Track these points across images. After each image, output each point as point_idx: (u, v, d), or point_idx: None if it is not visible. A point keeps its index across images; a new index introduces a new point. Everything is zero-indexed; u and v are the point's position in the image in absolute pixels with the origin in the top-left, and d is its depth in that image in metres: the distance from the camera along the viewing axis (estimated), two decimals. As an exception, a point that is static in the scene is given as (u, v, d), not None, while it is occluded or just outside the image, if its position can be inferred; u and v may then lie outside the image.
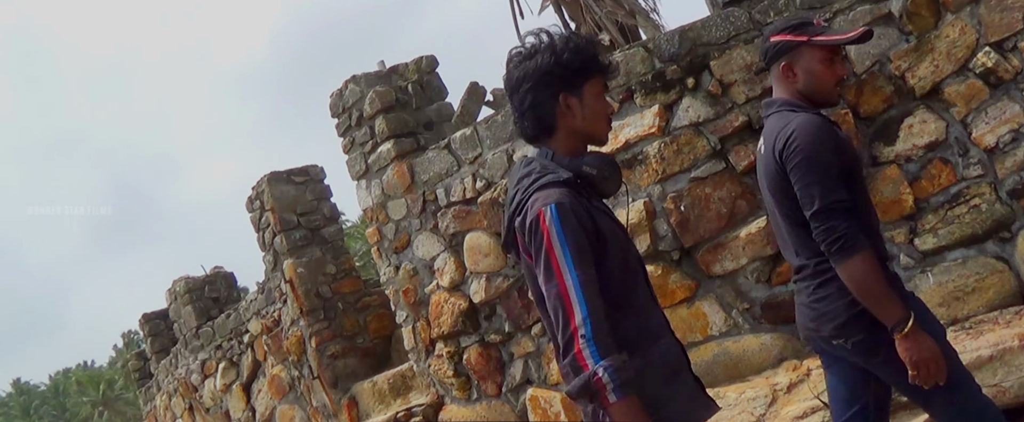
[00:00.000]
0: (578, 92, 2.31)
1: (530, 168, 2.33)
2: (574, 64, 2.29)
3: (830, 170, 2.57)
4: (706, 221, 5.17)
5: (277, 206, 8.71)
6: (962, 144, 5.04)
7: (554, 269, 2.12)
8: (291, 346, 9.04)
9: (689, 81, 5.22)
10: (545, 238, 2.12)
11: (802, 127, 2.61)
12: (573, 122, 2.31)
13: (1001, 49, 5.07)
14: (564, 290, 2.10)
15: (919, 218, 5.03)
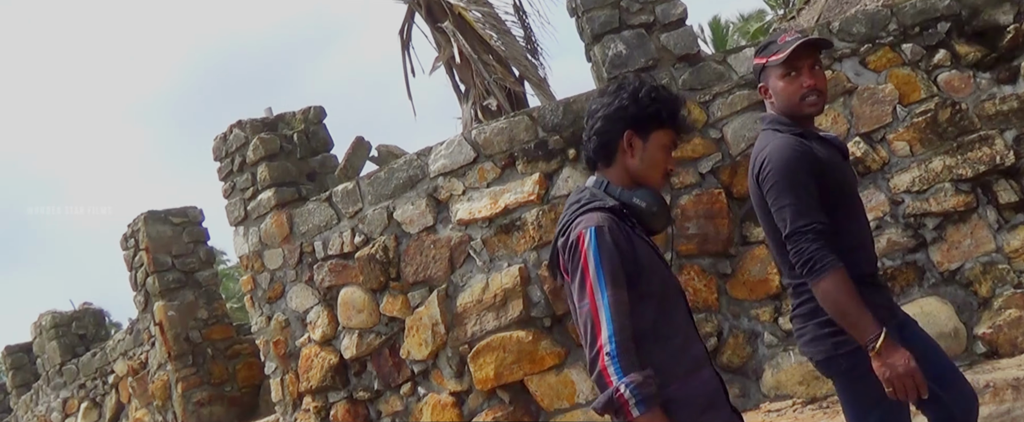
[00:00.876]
0: (644, 136, 2.45)
1: (581, 195, 2.48)
2: (649, 109, 2.44)
3: (801, 193, 2.65)
4: None
5: (152, 246, 8.61)
6: None
7: (587, 288, 2.26)
8: (157, 390, 8.89)
9: (570, 152, 5.43)
10: (582, 258, 2.27)
11: (775, 150, 2.72)
12: (630, 161, 2.45)
13: (870, 140, 5.46)
14: (594, 308, 2.24)
15: (784, 297, 5.28)
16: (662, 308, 2.37)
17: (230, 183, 6.80)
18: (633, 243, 2.33)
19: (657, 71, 5.53)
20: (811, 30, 5.84)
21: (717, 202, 5.37)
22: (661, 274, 2.41)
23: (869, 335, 2.54)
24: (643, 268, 2.32)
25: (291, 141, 6.64)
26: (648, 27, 5.62)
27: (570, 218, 2.40)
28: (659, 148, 2.47)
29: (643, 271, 2.32)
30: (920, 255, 5.32)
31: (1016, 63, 5.61)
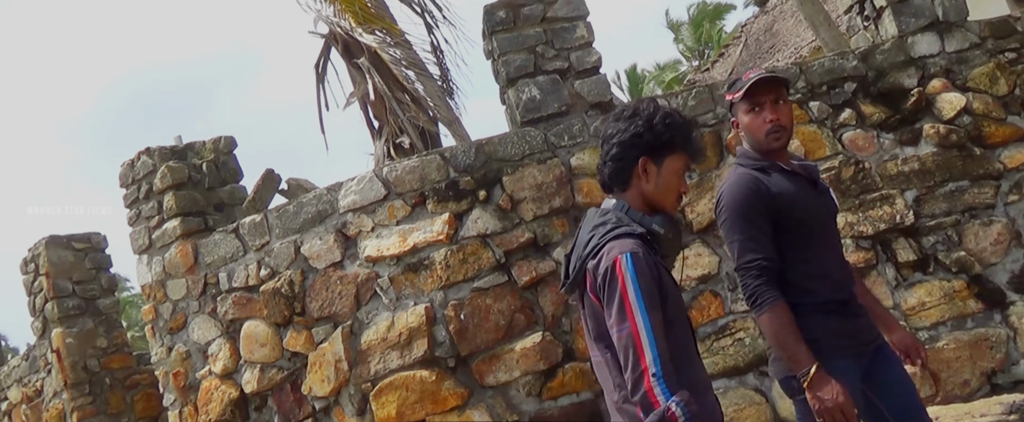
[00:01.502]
0: (659, 161, 2.58)
1: (606, 218, 2.57)
2: (663, 135, 2.57)
3: (747, 228, 2.84)
4: (484, 331, 5.45)
5: (53, 271, 8.45)
6: (732, 280, 5.54)
7: (627, 312, 2.35)
8: (51, 419, 8.70)
9: (481, 193, 5.55)
10: (620, 283, 2.36)
11: (729, 187, 2.93)
12: (645, 186, 2.58)
13: None
14: (636, 331, 2.34)
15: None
16: (680, 333, 2.50)
17: (136, 210, 6.77)
18: (659, 269, 2.46)
19: (569, 117, 5.73)
20: (722, 84, 6.12)
21: None
22: (678, 301, 2.55)
23: (801, 368, 2.72)
24: (666, 294, 2.44)
25: (200, 170, 6.65)
26: (563, 73, 5.81)
27: (600, 242, 2.49)
28: (672, 173, 2.60)
29: (667, 297, 2.44)
30: None
31: (919, 125, 5.93)
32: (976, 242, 5.75)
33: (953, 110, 5.95)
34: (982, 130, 5.96)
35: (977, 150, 5.92)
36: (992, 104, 6.04)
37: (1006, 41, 6.24)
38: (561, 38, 5.86)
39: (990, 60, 6.15)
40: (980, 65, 6.13)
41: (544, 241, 5.58)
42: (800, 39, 17.64)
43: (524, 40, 5.84)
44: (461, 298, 5.51)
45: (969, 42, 6.17)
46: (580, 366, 5.47)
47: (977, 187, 5.85)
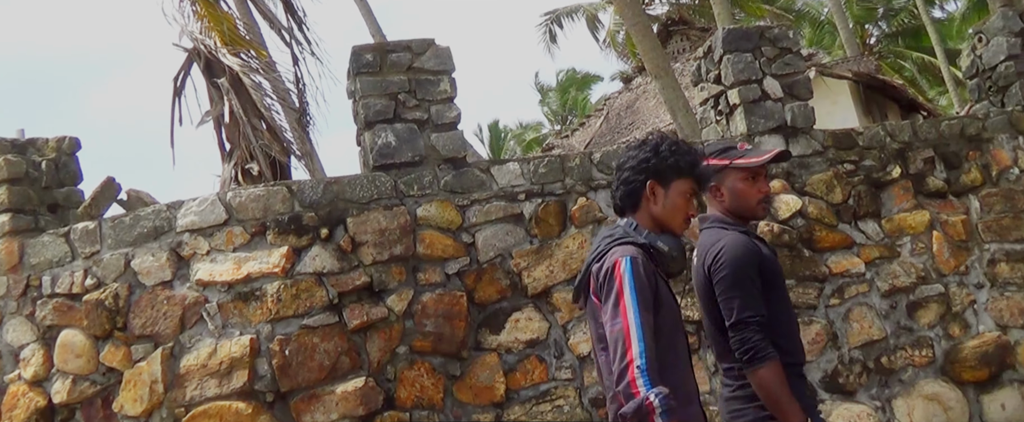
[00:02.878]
0: (666, 185, 3.03)
1: (614, 230, 3.02)
2: (668, 160, 3.02)
3: (749, 287, 3.13)
4: (307, 370, 5.64)
5: None
6: (559, 347, 5.97)
7: (621, 309, 2.73)
8: None
9: (323, 231, 5.81)
10: (617, 283, 2.76)
11: (729, 246, 3.21)
12: (654, 207, 3.02)
13: None
14: (627, 327, 2.70)
15: (507, 407, 5.81)
16: (670, 341, 2.88)
17: (-36, 201, 6.85)
18: (656, 279, 2.85)
19: (421, 168, 6.11)
20: (578, 156, 6.66)
21: (458, 304, 5.86)
22: (673, 311, 2.94)
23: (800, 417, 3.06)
24: (661, 303, 2.84)
25: (39, 168, 6.73)
26: (421, 124, 6.13)
27: (605, 248, 2.92)
28: (679, 195, 3.05)
29: (660, 305, 2.83)
30: None
31: (755, 222, 6.60)
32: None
33: (789, 211, 6.62)
34: (813, 234, 6.63)
35: (806, 252, 6.58)
36: (826, 210, 6.74)
37: (847, 153, 6.98)
38: (424, 89, 6.19)
39: (829, 168, 6.86)
40: (819, 172, 6.83)
41: (380, 287, 5.84)
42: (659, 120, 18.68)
43: (387, 86, 6.15)
44: (288, 333, 5.70)
45: (812, 149, 6.88)
46: (399, 416, 5.69)
47: (802, 287, 6.49)
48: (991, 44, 8.03)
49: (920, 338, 6.66)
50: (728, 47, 6.90)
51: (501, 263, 6.12)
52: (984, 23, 8.29)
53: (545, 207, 6.25)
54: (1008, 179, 7.41)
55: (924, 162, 7.14)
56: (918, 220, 6.97)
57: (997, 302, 6.96)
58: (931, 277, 6.84)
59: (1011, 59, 7.84)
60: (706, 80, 7.28)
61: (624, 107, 22.72)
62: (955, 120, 7.64)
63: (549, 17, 31.74)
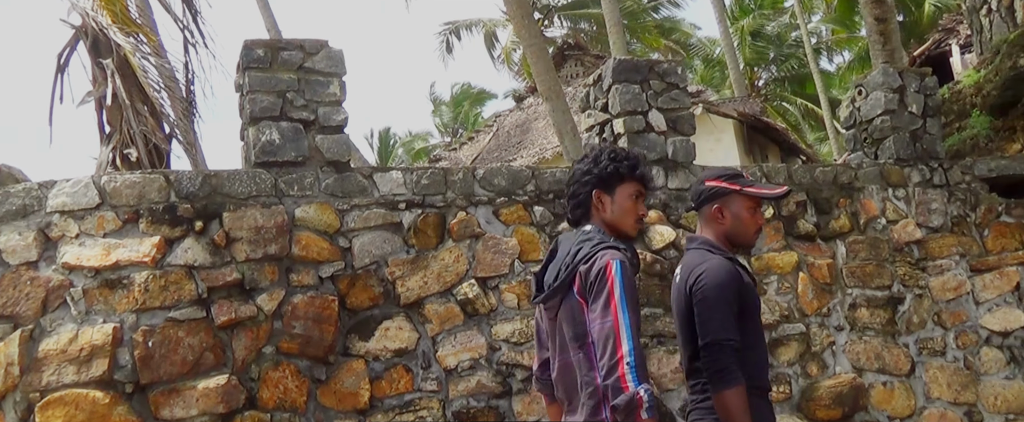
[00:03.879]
0: (611, 192, 3.38)
1: (590, 234, 3.29)
2: (608, 168, 3.36)
3: (726, 311, 3.36)
4: (170, 364, 5.74)
5: None
6: (427, 358, 6.21)
7: (612, 308, 3.02)
8: None
9: (198, 224, 5.93)
10: (609, 283, 3.04)
11: (713, 269, 3.46)
12: (604, 214, 3.36)
13: (485, 285, 6.40)
14: (617, 326, 2.99)
15: (370, 414, 6.02)
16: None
17: None
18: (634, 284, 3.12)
19: (304, 169, 6.26)
20: (461, 170, 7.00)
21: (329, 308, 6.06)
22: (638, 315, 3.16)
23: None
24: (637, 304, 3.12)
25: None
26: (307, 124, 6.31)
27: (591, 251, 3.18)
28: (626, 198, 3.40)
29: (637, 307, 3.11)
30: (503, 402, 6.27)
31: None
32: (659, 367, 6.75)
33: (663, 242, 7.05)
34: (683, 266, 7.12)
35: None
36: (698, 244, 7.24)
37: (723, 189, 7.51)
38: (313, 90, 6.38)
39: (705, 204, 7.38)
40: (695, 206, 7.35)
41: (251, 285, 5.99)
42: (547, 141, 19.36)
43: (276, 83, 6.32)
44: (153, 325, 5.80)
45: (690, 183, 7.39)
46: (260, 417, 5.82)
47: (669, 317, 6.94)
48: (870, 98, 8.68)
49: (779, 374, 7.16)
50: (617, 77, 7.35)
51: (376, 270, 6.34)
52: (866, 77, 8.95)
53: (425, 218, 6.51)
54: (875, 228, 8.03)
55: (796, 205, 7.70)
56: (786, 260, 7.51)
57: (855, 345, 7.52)
58: (794, 316, 7.37)
59: (887, 114, 8.49)
60: (593, 107, 7.72)
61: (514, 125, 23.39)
62: (829, 167, 8.25)
63: (448, 28, 32.37)
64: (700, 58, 37.01)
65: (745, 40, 31.75)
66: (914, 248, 8.06)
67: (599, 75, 7.65)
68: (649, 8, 33.49)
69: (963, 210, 8.39)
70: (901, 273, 7.85)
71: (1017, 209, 8.48)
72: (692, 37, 36.26)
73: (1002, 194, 8.64)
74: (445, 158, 24.02)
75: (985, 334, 7.93)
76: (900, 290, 7.77)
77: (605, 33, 19.53)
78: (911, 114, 8.56)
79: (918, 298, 7.84)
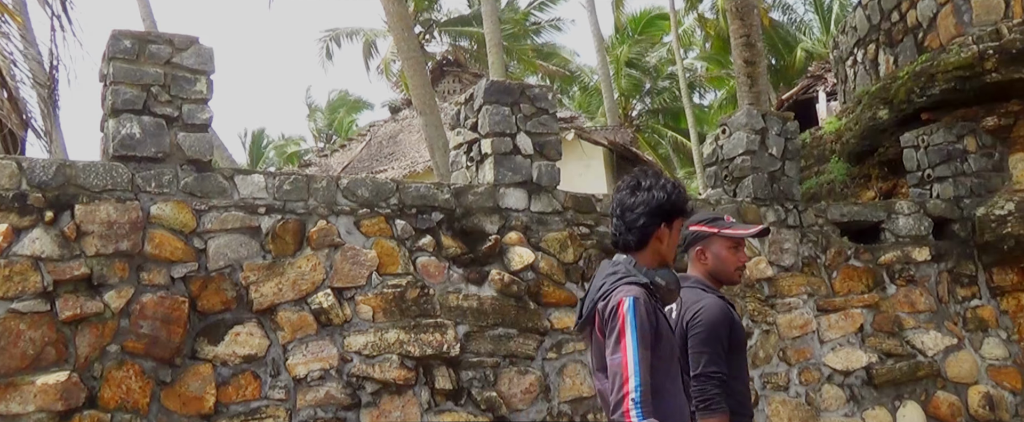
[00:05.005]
0: (670, 226, 3.57)
1: (616, 268, 3.48)
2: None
3: (717, 346, 3.82)
4: (8, 357, 5.71)
5: None
6: (277, 366, 6.32)
7: (622, 345, 3.23)
8: None
9: (48, 214, 5.93)
10: (620, 321, 3.25)
11: (708, 307, 3.93)
12: (660, 246, 3.55)
13: (340, 296, 6.54)
14: (625, 362, 3.19)
15: (214, 420, 6.08)
16: (668, 372, 3.38)
17: None
18: (657, 316, 3.33)
19: (163, 165, 6.29)
20: (325, 178, 7.23)
21: (178, 309, 6.13)
22: (670, 342, 3.44)
23: None
24: (660, 336, 3.32)
25: None
26: (170, 120, 6.36)
27: (611, 287, 3.39)
28: (675, 232, 3.64)
29: (660, 339, 3.32)
30: (351, 414, 6.40)
31: (488, 268, 7.21)
32: (509, 387, 7.09)
33: (521, 263, 7.41)
34: (541, 288, 7.44)
35: (532, 305, 7.37)
36: (556, 268, 7.61)
37: (585, 216, 7.91)
38: (180, 86, 6.45)
39: (566, 228, 7.75)
40: (556, 231, 7.66)
41: (99, 280, 6.01)
42: (419, 155, 19.80)
43: (142, 76, 6.36)
44: None
45: (552, 208, 7.75)
46: (100, 416, 5.84)
47: (523, 337, 7.27)
48: (733, 137, 9.28)
49: (626, 399, 7.59)
50: (488, 98, 7.70)
51: (230, 274, 6.43)
52: (730, 116, 9.57)
53: (284, 224, 6.64)
54: (715, 264, 8.59)
55: (654, 236, 8.19)
56: (648, 290, 7.97)
57: (701, 376, 8.03)
58: (644, 344, 7.83)
59: (748, 154, 9.08)
60: (463, 126, 8.07)
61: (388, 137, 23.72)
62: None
63: (329, 34, 32.69)
64: (578, 85, 38.03)
65: (621, 70, 32.74)
66: (765, 285, 8.62)
67: (471, 94, 7.97)
68: (531, 31, 34.28)
69: (814, 251, 9.03)
70: (751, 308, 8.40)
71: (866, 254, 9.17)
72: (571, 63, 37.24)
73: (853, 238, 9.32)
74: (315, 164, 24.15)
75: (827, 372, 8.53)
76: (749, 325, 8.32)
77: (485, 52, 20.04)
78: (771, 156, 9.17)
79: (765, 334, 8.39)
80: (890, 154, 11.18)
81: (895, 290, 9.12)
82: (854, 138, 11.80)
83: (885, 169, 11.58)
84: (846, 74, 13.76)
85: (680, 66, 29.92)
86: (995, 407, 8.93)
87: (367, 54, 33.29)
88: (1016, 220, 9.34)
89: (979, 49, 9.65)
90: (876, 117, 11.12)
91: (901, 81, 10.60)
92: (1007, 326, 9.61)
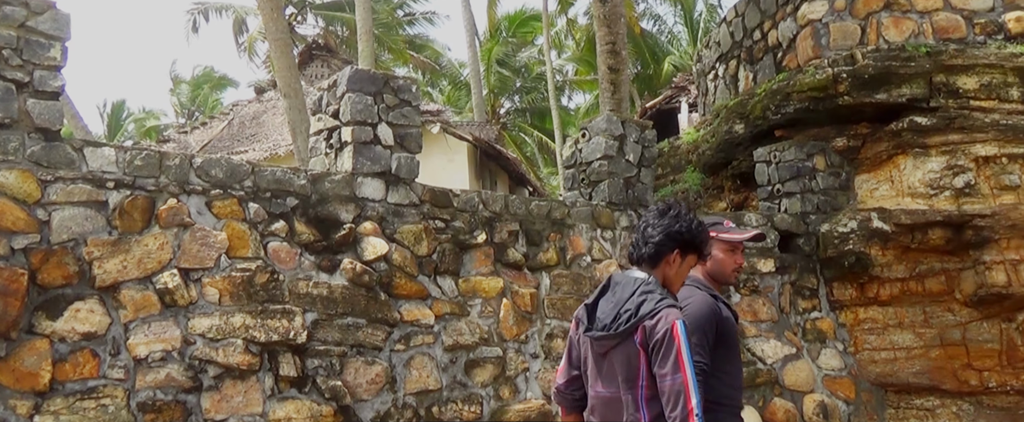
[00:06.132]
0: (683, 257, 3.99)
1: (651, 287, 3.83)
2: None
3: (701, 338, 4.05)
4: None
5: None
6: (117, 345, 6.23)
7: (681, 366, 3.60)
8: None
9: None
10: (677, 343, 3.61)
11: (695, 303, 4.19)
12: (668, 270, 3.96)
13: (187, 277, 6.53)
14: (686, 382, 3.58)
15: (49, 397, 5.99)
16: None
17: None
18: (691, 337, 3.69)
19: (9, 132, 6.14)
20: (178, 156, 7.19)
21: (17, 281, 6.00)
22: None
23: None
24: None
25: None
26: (20, 86, 6.24)
27: (656, 307, 3.73)
28: (688, 266, 4.05)
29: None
30: (192, 397, 6.35)
31: (340, 257, 7.28)
32: (355, 377, 7.16)
33: (375, 254, 7.51)
34: (393, 280, 7.56)
35: (383, 296, 7.49)
36: (410, 260, 7.74)
37: (441, 210, 8.06)
38: (33, 51, 6.33)
39: (422, 222, 7.87)
40: (412, 223, 7.78)
41: None
42: (281, 138, 19.75)
43: None
44: None
45: (409, 200, 7.87)
46: None
47: (372, 328, 7.36)
48: (592, 141, 9.56)
49: (472, 395, 7.78)
50: (352, 86, 7.77)
51: (74, 248, 6.34)
52: (591, 121, 9.87)
53: (132, 200, 6.58)
54: (580, 265, 8.86)
55: (509, 234, 8.39)
56: (492, 285, 8.17)
57: (548, 373, 8.24)
58: (493, 340, 8.03)
59: (606, 159, 9.36)
60: (325, 112, 8.12)
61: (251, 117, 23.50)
62: (545, 202, 9.01)
63: (198, 7, 32.10)
64: (448, 79, 38.24)
65: (491, 67, 33.08)
66: (614, 288, 8.92)
67: (335, 81, 8.02)
68: (404, 22, 34.31)
69: (664, 258, 9.37)
70: (598, 310, 8.68)
71: (712, 262, 9.57)
72: (443, 57, 37.43)
73: (702, 247, 9.71)
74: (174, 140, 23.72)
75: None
76: (595, 325, 8.60)
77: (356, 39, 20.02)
78: (628, 162, 9.48)
79: (610, 335, 8.68)
80: (743, 167, 11.67)
81: (739, 299, 9.54)
82: (710, 150, 12.26)
83: (738, 181, 12.08)
84: (707, 87, 14.26)
85: (549, 68, 30.39)
86: (829, 416, 9.44)
87: (237, 31, 32.83)
88: (858, 238, 9.88)
89: (834, 72, 10.15)
90: (732, 131, 11.59)
91: (758, 98, 11.07)
92: (844, 338, 10.14)
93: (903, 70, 10.02)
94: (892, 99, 10.08)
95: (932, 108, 10.04)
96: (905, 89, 10.05)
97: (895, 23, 10.85)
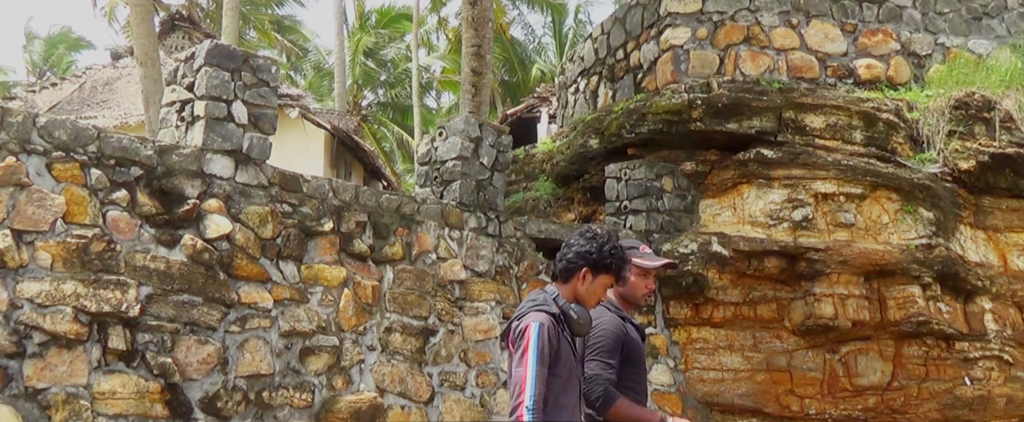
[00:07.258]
0: (595, 275, 4.32)
1: (537, 297, 4.26)
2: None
3: (607, 355, 4.58)
4: None
5: None
6: None
7: (524, 360, 3.97)
8: None
9: None
10: (526, 341, 4.01)
11: (605, 322, 4.65)
12: (579, 286, 4.33)
13: (20, 239, 6.40)
14: (525, 375, 3.94)
15: None
16: (565, 388, 4.14)
17: None
18: (560, 340, 4.11)
19: None
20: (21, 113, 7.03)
21: None
22: (570, 364, 4.19)
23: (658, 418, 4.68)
24: (560, 357, 4.09)
25: None
26: None
27: (527, 310, 4.16)
28: (601, 285, 4.38)
29: (559, 359, 4.09)
30: (14, 363, 6.21)
31: (181, 233, 7.19)
32: (186, 355, 7.10)
33: (217, 232, 7.46)
34: (234, 260, 7.51)
35: (222, 275, 7.45)
36: (253, 242, 7.72)
37: (290, 194, 8.06)
38: None
39: (269, 204, 7.86)
40: (259, 204, 7.77)
41: None
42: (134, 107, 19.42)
43: None
44: None
45: (258, 181, 7.85)
46: None
47: (208, 307, 7.30)
48: (449, 141, 9.71)
49: (304, 382, 7.82)
50: (210, 60, 7.70)
51: None
52: (450, 120, 10.04)
53: (-32, 156, 6.39)
54: (425, 262, 8.99)
55: (356, 224, 8.47)
56: (335, 275, 8.24)
57: (383, 366, 8.37)
58: (330, 329, 8.09)
59: (460, 159, 9.53)
60: (179, 84, 8.04)
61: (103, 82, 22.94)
62: (395, 196, 9.11)
63: (61, -35, 31.07)
64: (312, 65, 37.94)
65: (358, 58, 32.99)
66: (456, 287, 9.09)
67: (193, 53, 7.95)
68: (273, 1, 33.90)
69: (508, 261, 9.60)
70: (440, 308, 8.84)
71: (555, 271, 9.84)
72: (310, 42, 37.09)
73: (548, 255, 9.94)
74: (21, 98, 22.91)
75: (503, 377, 9.11)
76: (435, 323, 8.75)
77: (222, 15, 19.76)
78: (482, 165, 9.67)
79: (450, 333, 8.86)
80: (594, 181, 12.00)
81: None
82: (564, 161, 12.57)
83: (588, 195, 12.41)
84: (568, 100, 14.60)
85: (416, 65, 30.52)
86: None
87: (98, -9, 31.83)
88: (697, 260, 10.27)
89: (689, 98, 10.55)
90: (587, 145, 11.91)
91: (615, 115, 11.41)
92: (676, 356, 10.53)
93: (755, 103, 10.50)
94: (742, 129, 10.54)
95: (779, 142, 10.52)
96: (755, 121, 10.53)
97: (752, 57, 11.36)
